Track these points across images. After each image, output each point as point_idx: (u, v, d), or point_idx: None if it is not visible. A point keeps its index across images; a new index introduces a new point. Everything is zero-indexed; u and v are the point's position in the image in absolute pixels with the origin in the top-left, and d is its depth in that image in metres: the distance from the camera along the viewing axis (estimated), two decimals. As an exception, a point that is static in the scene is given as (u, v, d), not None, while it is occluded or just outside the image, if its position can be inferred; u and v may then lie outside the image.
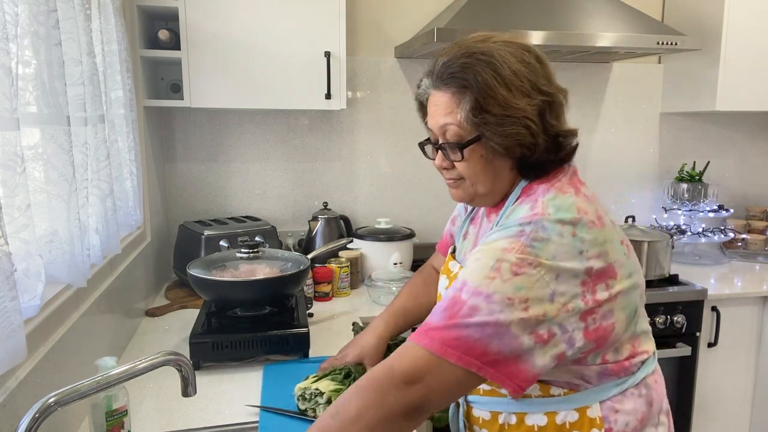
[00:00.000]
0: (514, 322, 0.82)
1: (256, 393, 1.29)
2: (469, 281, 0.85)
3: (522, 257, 0.84)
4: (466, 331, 0.82)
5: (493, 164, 0.96)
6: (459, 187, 1.01)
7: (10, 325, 0.82)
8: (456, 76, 0.92)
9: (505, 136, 0.91)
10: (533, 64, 0.93)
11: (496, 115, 0.90)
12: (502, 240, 0.87)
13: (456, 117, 0.93)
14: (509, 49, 0.92)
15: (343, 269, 2.04)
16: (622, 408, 0.95)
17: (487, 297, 0.83)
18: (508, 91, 0.90)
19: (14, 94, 0.83)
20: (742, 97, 2.36)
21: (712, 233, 2.49)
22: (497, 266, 0.84)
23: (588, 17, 2.11)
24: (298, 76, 1.97)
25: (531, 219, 0.88)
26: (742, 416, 2.29)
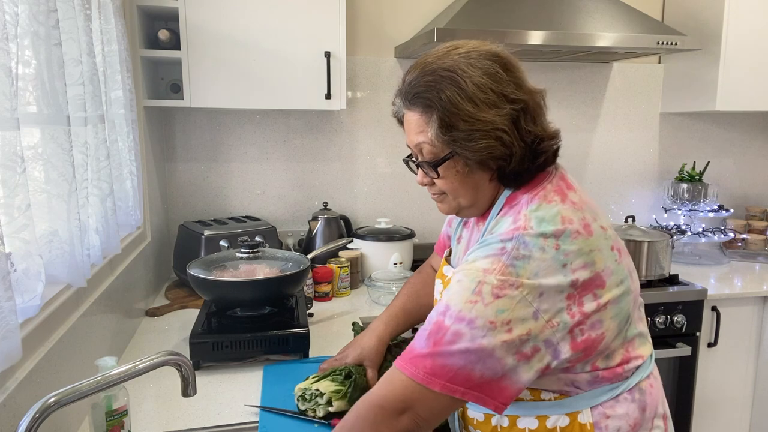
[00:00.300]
0: (498, 346, 0.82)
1: (256, 393, 1.29)
2: (452, 306, 0.85)
3: (503, 279, 0.83)
4: (450, 360, 0.82)
5: (471, 178, 0.95)
6: (443, 201, 1.02)
7: (6, 326, 0.81)
8: (420, 96, 0.91)
9: (477, 151, 0.90)
10: (498, 74, 0.90)
11: (464, 131, 0.89)
12: (483, 260, 0.87)
13: (427, 136, 0.93)
14: (472, 61, 0.90)
15: (343, 269, 2.04)
16: (614, 413, 0.94)
17: (470, 322, 0.82)
18: (473, 106, 0.88)
19: (14, 94, 0.83)
20: (742, 97, 2.36)
21: (712, 233, 2.49)
22: (478, 289, 0.84)
23: (588, 17, 2.11)
24: (298, 76, 1.97)
25: (512, 235, 0.87)
26: (742, 416, 2.29)
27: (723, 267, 2.44)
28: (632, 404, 0.95)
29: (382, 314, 1.29)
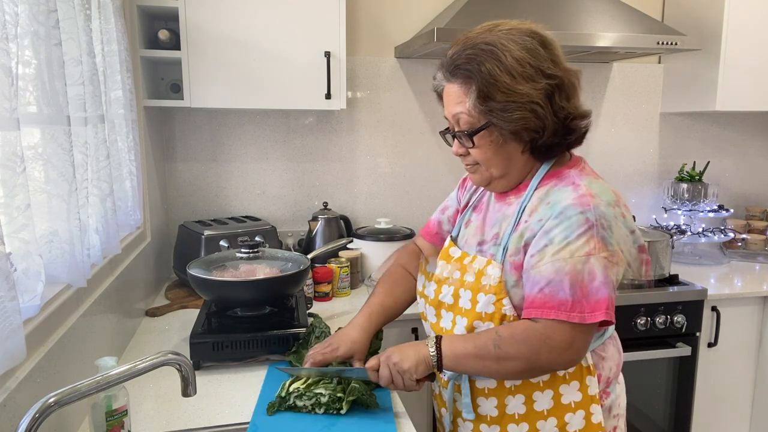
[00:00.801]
0: (615, 277, 0.98)
1: (256, 393, 1.29)
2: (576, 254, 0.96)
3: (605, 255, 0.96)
4: (600, 293, 0.95)
5: (504, 148, 1.02)
6: (476, 171, 1.08)
7: (9, 326, 0.81)
8: (461, 68, 0.98)
9: (512, 122, 0.96)
10: (536, 49, 0.98)
11: (501, 101, 0.95)
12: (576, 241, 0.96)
13: (465, 106, 1.00)
14: (512, 37, 0.98)
15: (343, 269, 2.04)
16: (606, 355, 1.11)
17: (595, 268, 0.96)
18: (511, 78, 0.95)
19: (14, 94, 0.83)
20: (742, 97, 2.36)
21: (712, 233, 2.49)
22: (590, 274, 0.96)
23: (588, 17, 2.11)
24: (298, 76, 1.97)
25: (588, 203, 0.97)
26: (742, 416, 2.28)
27: (723, 267, 2.44)
28: (613, 348, 1.14)
29: (364, 309, 1.31)
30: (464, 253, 1.15)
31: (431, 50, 2.14)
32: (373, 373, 1.13)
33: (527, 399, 1.09)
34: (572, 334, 0.97)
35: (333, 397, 1.15)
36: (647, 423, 2.15)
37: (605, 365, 1.11)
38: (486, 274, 1.06)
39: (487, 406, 1.12)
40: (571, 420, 1.08)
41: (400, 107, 2.43)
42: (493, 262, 1.06)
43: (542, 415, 1.08)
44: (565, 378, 1.08)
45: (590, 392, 1.08)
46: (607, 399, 1.12)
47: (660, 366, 2.10)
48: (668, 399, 2.14)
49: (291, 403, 1.16)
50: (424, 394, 1.91)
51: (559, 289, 0.96)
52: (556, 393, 1.08)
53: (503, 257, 1.05)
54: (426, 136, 2.48)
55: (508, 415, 1.10)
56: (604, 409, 1.11)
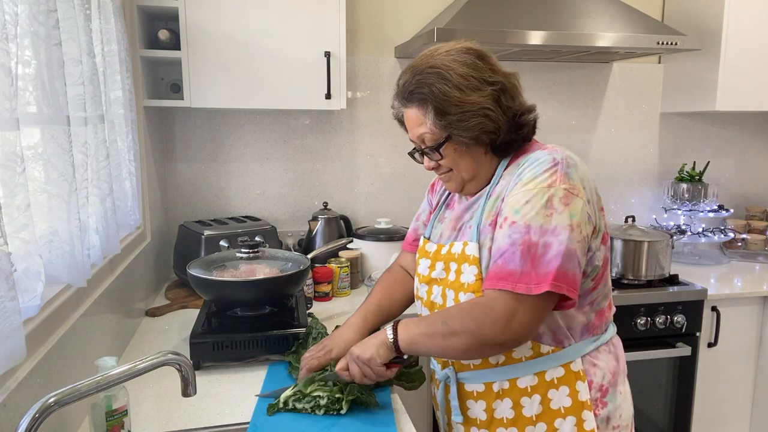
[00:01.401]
0: (577, 246, 0.99)
1: (256, 392, 1.29)
2: (533, 224, 0.99)
3: (566, 187, 1.00)
4: (549, 266, 0.97)
5: (469, 153, 1.10)
6: (451, 179, 1.16)
7: (9, 326, 0.82)
8: (415, 93, 1.07)
9: (470, 129, 1.05)
10: (475, 63, 1.06)
11: (456, 114, 1.04)
12: (542, 175, 1.01)
13: (427, 126, 1.09)
14: (452, 56, 1.06)
15: (343, 269, 2.04)
16: (599, 362, 1.11)
17: (553, 232, 0.98)
18: (460, 92, 1.04)
19: (14, 94, 0.83)
20: (742, 97, 2.36)
21: (712, 233, 2.49)
22: (549, 203, 0.99)
23: (588, 17, 2.11)
24: (298, 76, 1.97)
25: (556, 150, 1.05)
26: (742, 416, 2.29)
27: (723, 267, 2.44)
28: (609, 355, 1.13)
29: (359, 310, 1.32)
30: (440, 245, 1.19)
31: (431, 50, 2.14)
32: (344, 373, 1.15)
33: (515, 404, 1.09)
34: (515, 306, 0.98)
35: (332, 398, 1.15)
36: (647, 423, 2.15)
37: (597, 372, 1.10)
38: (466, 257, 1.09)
39: (476, 410, 1.13)
40: (562, 426, 1.07)
41: (400, 107, 2.43)
42: (470, 243, 1.10)
43: (531, 420, 1.09)
44: (554, 383, 1.08)
45: (581, 398, 1.07)
46: (604, 409, 1.10)
47: (660, 366, 2.10)
48: (668, 399, 2.14)
49: (290, 407, 1.16)
50: (424, 393, 1.91)
51: (510, 260, 0.99)
52: (544, 398, 1.08)
53: (478, 232, 1.09)
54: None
55: (497, 420, 1.11)
56: (600, 419, 1.09)
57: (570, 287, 0.98)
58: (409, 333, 1.09)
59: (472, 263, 1.08)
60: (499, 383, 1.10)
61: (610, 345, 1.15)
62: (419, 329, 1.08)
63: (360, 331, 1.26)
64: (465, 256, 1.10)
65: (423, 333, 1.07)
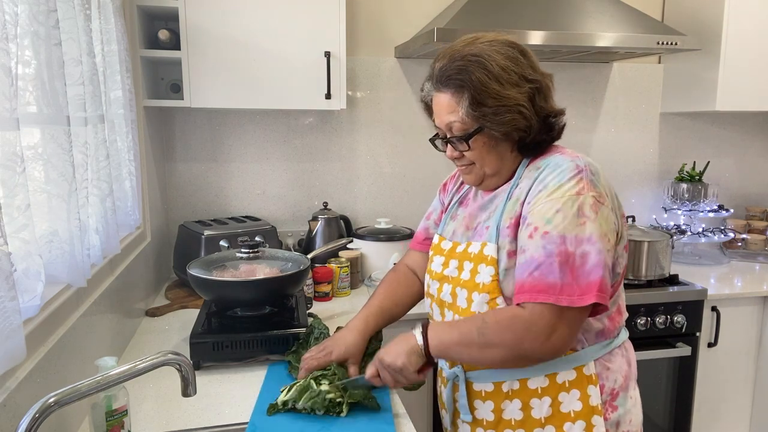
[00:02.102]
0: (609, 255, 0.99)
1: (256, 393, 1.29)
2: (567, 233, 0.97)
3: (594, 195, 1.00)
4: (591, 277, 0.96)
5: (496, 149, 1.08)
6: (471, 172, 1.13)
7: (9, 326, 0.82)
8: (453, 78, 1.04)
9: (503, 124, 1.03)
10: (518, 58, 1.05)
11: (492, 107, 1.02)
12: (568, 182, 1.00)
13: (458, 114, 1.05)
14: (495, 48, 1.04)
15: (343, 269, 2.04)
16: (612, 366, 1.10)
17: (589, 240, 0.97)
18: (499, 85, 1.02)
19: (14, 94, 0.83)
20: (742, 97, 2.36)
21: (712, 233, 2.49)
22: (580, 211, 0.98)
23: (588, 17, 2.11)
24: (298, 76, 1.97)
25: (577, 156, 1.05)
26: (742, 416, 2.29)
27: (723, 267, 2.44)
28: (622, 358, 1.13)
29: (361, 312, 1.31)
30: (455, 242, 1.17)
31: (431, 50, 2.14)
32: (376, 379, 1.13)
33: (524, 405, 1.08)
34: (557, 319, 0.96)
35: (333, 402, 1.14)
36: (647, 423, 2.14)
37: (610, 376, 1.09)
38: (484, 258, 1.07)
39: (484, 410, 1.12)
40: (571, 430, 1.06)
41: (400, 107, 2.43)
42: (488, 244, 1.08)
43: (539, 422, 1.07)
44: (565, 386, 1.06)
45: (592, 402, 1.06)
46: (614, 413, 1.08)
47: (660, 366, 2.10)
48: (668, 399, 2.14)
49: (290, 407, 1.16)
50: (424, 394, 1.91)
51: (549, 272, 0.97)
52: (554, 401, 1.06)
53: (497, 233, 1.07)
54: (426, 136, 2.44)
55: (505, 420, 1.10)
56: (610, 424, 1.07)
57: (608, 296, 0.99)
58: (441, 340, 1.06)
59: (490, 264, 1.06)
60: (509, 383, 1.09)
61: (623, 349, 1.14)
62: (452, 337, 1.05)
63: (361, 334, 1.25)
64: (483, 257, 1.08)
65: (456, 342, 1.04)
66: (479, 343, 1.01)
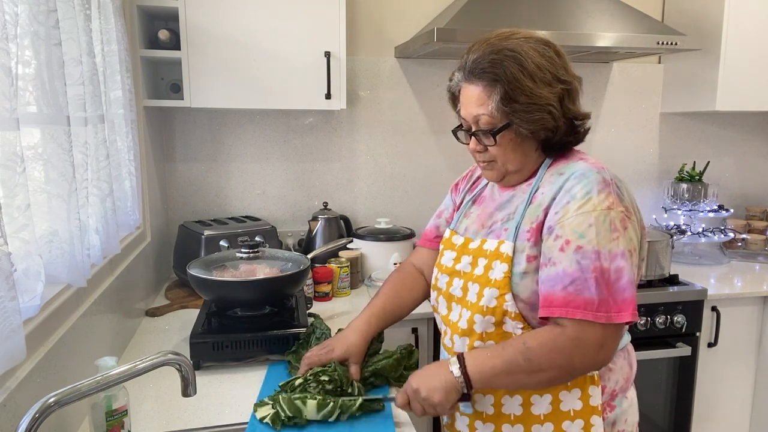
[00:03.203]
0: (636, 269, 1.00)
1: (256, 393, 1.29)
2: (601, 248, 0.97)
3: (622, 209, 1.00)
4: (626, 293, 0.97)
5: (521, 146, 1.08)
6: (492, 168, 1.13)
7: (9, 326, 0.82)
8: (487, 71, 1.03)
9: (532, 122, 1.03)
10: (553, 57, 1.05)
11: (523, 103, 1.02)
12: (598, 196, 1.00)
13: (488, 108, 1.05)
14: (531, 45, 1.04)
15: (343, 269, 2.04)
16: (614, 367, 1.10)
17: (622, 255, 0.98)
18: (533, 83, 1.01)
19: (14, 94, 0.83)
20: (742, 97, 2.36)
21: (712, 233, 2.49)
22: (612, 225, 0.98)
23: (588, 17, 2.11)
24: (298, 76, 1.97)
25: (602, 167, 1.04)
26: (742, 416, 2.28)
27: (723, 267, 2.44)
28: (624, 361, 1.13)
29: (364, 312, 1.31)
30: (468, 238, 1.17)
31: (431, 50, 2.14)
32: (405, 408, 1.10)
33: (525, 401, 1.08)
34: (603, 334, 0.97)
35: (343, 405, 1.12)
36: (647, 423, 2.15)
37: (612, 377, 1.10)
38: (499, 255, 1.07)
39: (484, 403, 1.12)
40: (569, 429, 1.06)
41: (400, 107, 2.43)
42: (506, 242, 1.07)
43: (539, 419, 1.07)
44: (566, 384, 1.06)
45: (592, 402, 1.06)
46: (611, 412, 1.10)
47: (660, 366, 2.10)
48: (668, 399, 2.14)
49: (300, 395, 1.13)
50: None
51: (584, 288, 0.97)
52: (555, 398, 1.07)
53: (516, 234, 1.07)
54: (426, 136, 2.48)
55: (504, 415, 1.10)
56: (607, 423, 1.09)
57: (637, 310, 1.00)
58: (482, 371, 1.02)
59: (504, 261, 1.06)
60: None
61: (625, 351, 1.15)
62: (493, 366, 1.01)
63: (363, 335, 1.25)
64: (498, 254, 1.08)
65: (499, 371, 1.01)
66: (527, 369, 0.99)
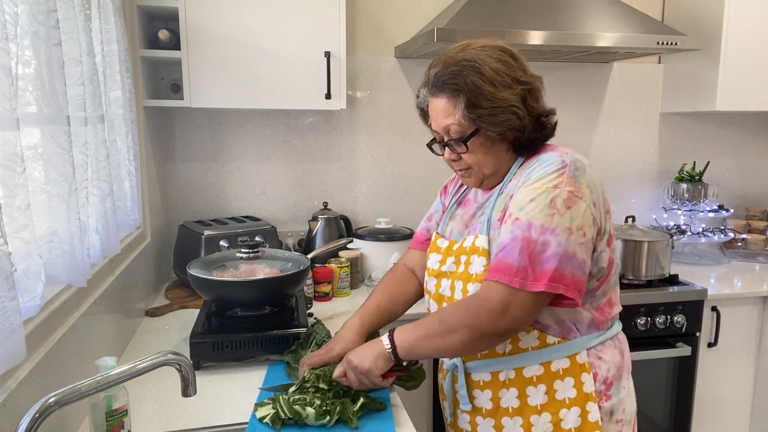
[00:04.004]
0: (577, 248, 1.01)
1: (256, 393, 1.29)
2: (534, 221, 1.01)
3: (570, 190, 1.02)
4: (546, 265, 1.00)
5: (492, 149, 1.12)
6: (470, 175, 1.17)
7: (9, 326, 0.82)
8: (448, 83, 1.08)
9: (498, 124, 1.07)
10: (509, 61, 1.09)
11: (487, 108, 1.06)
12: (549, 176, 1.04)
13: (455, 117, 1.09)
14: (487, 53, 1.08)
15: (343, 269, 2.04)
16: (604, 356, 1.13)
17: (552, 231, 1.00)
18: (493, 87, 1.06)
19: (14, 94, 0.83)
20: (742, 97, 2.36)
21: (712, 233, 2.49)
22: (553, 203, 1.01)
23: (588, 17, 2.11)
24: (298, 76, 1.97)
25: (567, 153, 1.08)
26: (742, 416, 2.28)
27: (723, 267, 2.44)
28: (615, 350, 1.15)
29: (358, 312, 1.34)
30: (452, 241, 1.21)
31: (431, 50, 2.14)
32: (342, 380, 1.16)
33: (521, 393, 1.11)
34: (509, 298, 1.01)
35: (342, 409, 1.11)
36: (647, 423, 2.15)
37: (602, 366, 1.12)
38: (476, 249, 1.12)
39: (483, 399, 1.15)
40: (566, 416, 1.09)
41: (400, 107, 2.43)
42: (480, 236, 1.12)
43: (536, 409, 1.10)
44: (559, 374, 1.09)
45: (586, 390, 1.09)
46: (608, 402, 1.12)
47: (660, 366, 2.10)
48: (668, 399, 2.14)
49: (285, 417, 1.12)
50: (424, 388, 1.91)
51: (509, 254, 1.02)
52: (550, 388, 1.10)
53: (488, 226, 1.12)
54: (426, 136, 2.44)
55: (503, 408, 1.13)
56: (604, 412, 1.11)
57: (568, 287, 1.01)
58: (407, 339, 1.10)
59: (482, 254, 1.10)
60: (505, 372, 1.12)
61: (615, 340, 1.17)
62: (416, 333, 1.09)
63: (358, 333, 1.28)
64: (474, 248, 1.12)
65: (420, 336, 1.09)
66: (441, 331, 1.05)
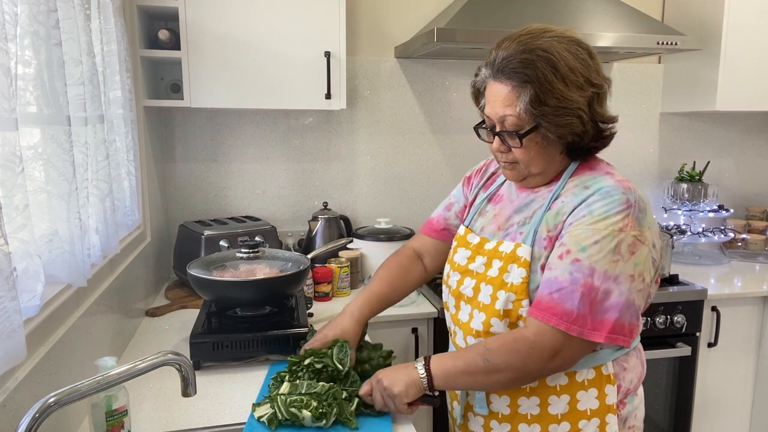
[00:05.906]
0: (637, 295, 0.99)
1: (256, 393, 1.29)
2: (598, 267, 0.97)
3: (635, 234, 0.98)
4: (607, 315, 0.97)
5: (546, 150, 1.05)
6: (514, 169, 1.10)
7: (9, 326, 0.81)
8: (517, 71, 0.99)
9: (560, 126, 1.00)
10: (586, 60, 1.01)
11: (553, 107, 0.98)
12: (615, 216, 0.98)
13: (515, 109, 1.01)
14: (564, 45, 1.00)
15: (343, 269, 2.04)
16: (628, 366, 1.10)
17: (615, 279, 0.97)
18: (564, 86, 0.98)
19: (13, 94, 0.83)
20: (742, 97, 2.36)
21: (712, 233, 2.49)
22: (618, 248, 0.97)
23: (588, 17, 2.11)
24: (298, 76, 1.97)
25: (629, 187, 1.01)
26: (742, 416, 2.28)
27: (723, 267, 2.44)
28: (637, 360, 1.14)
29: (358, 297, 1.31)
30: (483, 238, 1.16)
31: (431, 50, 2.14)
32: (367, 398, 1.13)
33: (542, 401, 1.08)
34: (562, 343, 0.98)
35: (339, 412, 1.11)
36: (647, 423, 2.14)
37: (626, 376, 1.10)
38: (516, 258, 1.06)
39: (500, 404, 1.12)
40: (585, 427, 1.07)
41: (400, 107, 2.43)
42: (523, 245, 1.06)
43: (556, 418, 1.08)
44: (584, 384, 1.07)
45: (608, 401, 1.07)
46: (624, 409, 1.11)
47: (660, 366, 2.10)
48: (668, 399, 2.14)
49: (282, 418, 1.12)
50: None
51: (568, 299, 0.97)
52: (572, 398, 1.07)
53: (533, 238, 1.06)
54: (426, 136, 2.48)
55: (521, 415, 1.10)
56: (619, 420, 1.09)
57: (626, 338, 0.99)
58: (445, 371, 1.06)
59: (522, 265, 1.05)
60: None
61: (637, 350, 1.15)
62: (456, 367, 1.05)
63: (357, 320, 1.26)
64: (515, 257, 1.07)
65: (461, 371, 1.04)
66: (485, 370, 1.01)
